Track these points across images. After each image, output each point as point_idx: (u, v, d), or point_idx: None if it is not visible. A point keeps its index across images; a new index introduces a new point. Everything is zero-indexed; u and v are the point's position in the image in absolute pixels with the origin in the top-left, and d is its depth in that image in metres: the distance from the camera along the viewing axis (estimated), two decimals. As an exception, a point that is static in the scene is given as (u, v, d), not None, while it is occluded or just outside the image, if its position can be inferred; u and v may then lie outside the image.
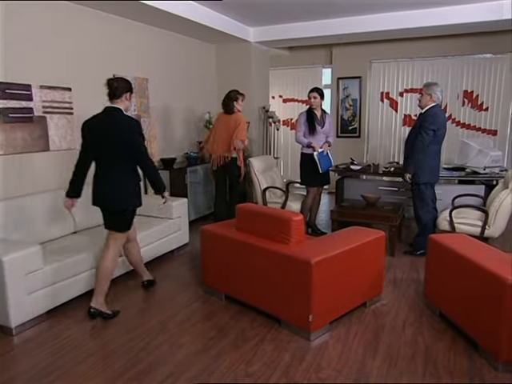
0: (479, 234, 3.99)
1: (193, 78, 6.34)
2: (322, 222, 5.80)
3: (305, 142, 4.80)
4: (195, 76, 6.38)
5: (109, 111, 3.04)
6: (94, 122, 3.06)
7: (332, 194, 6.93)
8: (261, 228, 3.10)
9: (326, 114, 4.99)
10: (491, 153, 4.80)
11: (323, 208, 6.79)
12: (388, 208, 4.57)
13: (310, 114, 4.81)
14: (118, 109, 3.03)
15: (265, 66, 7.14)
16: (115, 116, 3.02)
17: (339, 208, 4.68)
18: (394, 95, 7.25)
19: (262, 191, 5.11)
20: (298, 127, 4.86)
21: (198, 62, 6.43)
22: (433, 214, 4.30)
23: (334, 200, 5.96)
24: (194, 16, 5.19)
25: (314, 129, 4.80)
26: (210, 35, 6.07)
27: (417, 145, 4.07)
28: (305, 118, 4.82)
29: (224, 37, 6.16)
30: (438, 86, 4.18)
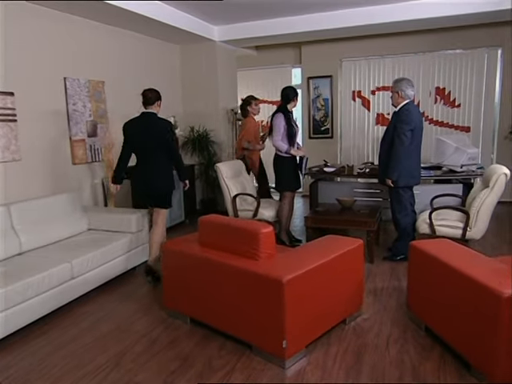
0: (460, 236, 3.78)
1: (156, 81, 5.93)
2: (297, 228, 5.52)
3: (284, 147, 4.47)
4: (158, 78, 5.99)
5: (146, 115, 3.82)
6: (135, 123, 3.84)
7: (306, 197, 6.66)
8: (226, 242, 2.77)
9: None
10: (468, 150, 4.62)
11: (297, 213, 6.52)
12: (364, 212, 4.31)
13: (287, 116, 4.52)
14: (153, 113, 3.83)
15: (232, 66, 6.83)
16: (152, 118, 3.81)
17: (313, 214, 4.40)
18: (366, 94, 7.06)
19: (231, 199, 4.78)
20: (277, 131, 4.46)
21: (161, 63, 6.06)
22: (411, 217, 4.07)
23: (308, 204, 5.70)
24: (155, 14, 4.85)
25: (294, 132, 4.52)
26: (172, 35, 5.73)
27: (398, 150, 3.82)
28: (284, 120, 4.47)
29: (188, 36, 5.83)
30: (407, 81, 3.93)
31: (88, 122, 4.70)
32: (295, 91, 4.55)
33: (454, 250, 2.74)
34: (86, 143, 4.68)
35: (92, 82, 4.74)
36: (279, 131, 4.44)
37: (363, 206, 4.59)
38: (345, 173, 5.03)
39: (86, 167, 4.72)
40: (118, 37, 5.20)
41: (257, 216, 4.71)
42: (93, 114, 4.77)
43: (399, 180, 3.92)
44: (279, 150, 4.50)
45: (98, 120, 4.85)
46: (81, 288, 3.46)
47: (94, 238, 3.94)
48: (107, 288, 3.75)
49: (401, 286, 3.57)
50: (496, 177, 3.58)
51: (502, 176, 3.58)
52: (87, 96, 4.68)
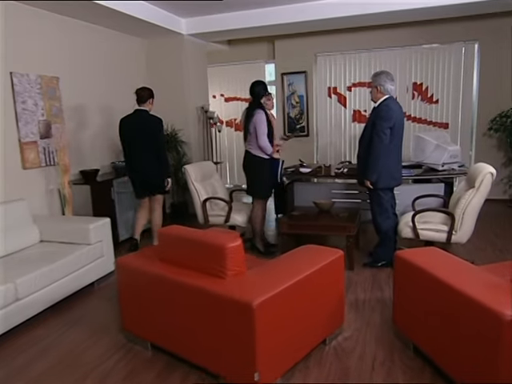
0: (445, 240, 3.55)
1: (120, 77, 5.55)
2: (274, 231, 5.21)
3: (270, 149, 4.15)
4: (122, 74, 5.59)
5: (139, 112, 4.28)
6: (129, 120, 4.29)
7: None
8: (189, 258, 2.42)
9: None
10: (449, 148, 4.41)
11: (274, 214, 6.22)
12: (343, 215, 4.03)
13: (266, 113, 4.19)
14: (145, 110, 4.30)
15: (201, 61, 6.46)
16: (143, 115, 4.27)
17: (288, 219, 4.09)
18: (342, 90, 6.81)
19: (201, 203, 4.43)
20: (263, 130, 4.09)
21: (124, 58, 5.64)
22: (393, 220, 3.81)
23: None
24: (117, 5, 4.44)
25: (273, 131, 4.20)
26: (136, 27, 5.33)
27: (376, 149, 3.55)
28: (265, 118, 4.13)
29: (153, 29, 5.43)
30: (386, 74, 3.66)
31: (41, 121, 4.26)
32: (266, 86, 4.23)
33: (443, 261, 2.48)
34: (39, 145, 4.24)
35: (44, 77, 4.30)
36: (264, 130, 4.11)
37: (342, 209, 4.32)
38: (321, 173, 4.74)
39: (39, 172, 4.28)
40: (76, 29, 4.76)
41: (229, 221, 4.38)
42: (46, 113, 4.32)
43: (379, 181, 3.65)
44: (262, 152, 4.16)
45: (53, 120, 4.40)
46: (28, 310, 3.05)
47: (45, 251, 3.53)
48: (61, 308, 3.35)
49: (384, 296, 3.30)
50: (482, 176, 3.35)
51: (488, 175, 3.35)
52: (39, 93, 4.23)
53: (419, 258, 2.49)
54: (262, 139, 4.06)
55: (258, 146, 4.10)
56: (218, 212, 4.47)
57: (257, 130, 4.07)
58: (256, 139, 4.09)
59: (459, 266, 2.40)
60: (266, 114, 4.12)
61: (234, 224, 4.43)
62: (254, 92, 4.17)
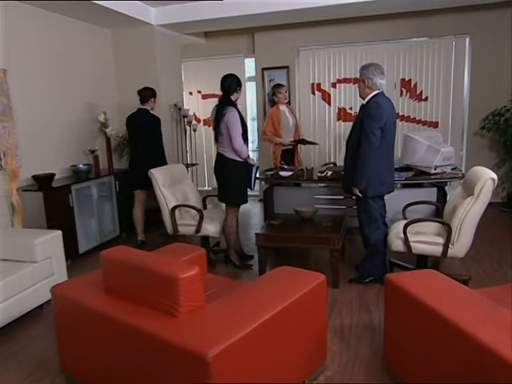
0: (441, 253, 3.15)
1: (83, 71, 5.04)
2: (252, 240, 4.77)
3: (246, 152, 3.73)
4: (85, 68, 5.08)
5: (141, 111, 4.58)
6: (133, 118, 4.60)
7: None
8: (137, 290, 1.97)
9: None
10: (442, 149, 4.02)
11: (254, 220, 5.80)
12: (327, 225, 3.61)
13: (238, 111, 3.75)
14: (145, 109, 4.59)
15: (175, 55, 5.98)
16: (144, 114, 4.57)
17: (266, 229, 3.66)
18: (326, 86, 6.39)
19: (169, 211, 3.97)
20: (237, 131, 3.64)
21: (87, 50, 5.13)
22: (383, 231, 3.41)
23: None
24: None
25: (246, 131, 3.76)
26: (101, 17, 4.85)
27: (365, 152, 3.14)
28: (239, 117, 3.68)
29: (119, 18, 4.95)
30: (375, 67, 3.23)
31: (-16, 120, 3.75)
32: (239, 81, 3.78)
33: (442, 288, 2.07)
34: (-18, 147, 3.73)
35: (-12, 70, 3.78)
36: (239, 131, 3.66)
37: (326, 217, 3.90)
38: (303, 177, 4.31)
39: (-17, 177, 3.76)
40: (29, 17, 4.24)
41: (200, 232, 3.93)
42: (-9, 110, 3.81)
43: (368, 188, 3.24)
44: (237, 155, 3.71)
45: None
46: (-47, 345, 2.56)
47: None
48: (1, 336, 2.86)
49: (372, 321, 2.89)
50: (482, 183, 2.96)
51: (489, 182, 2.96)
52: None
53: (414, 285, 2.08)
54: (237, 141, 3.62)
55: (232, 148, 3.66)
56: (188, 221, 4.01)
57: (230, 131, 3.62)
58: (230, 141, 3.64)
59: (463, 295, 1.99)
60: (238, 112, 3.67)
61: (205, 234, 3.98)
62: (224, 87, 3.73)
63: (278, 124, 4.86)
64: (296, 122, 5.02)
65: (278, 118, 4.88)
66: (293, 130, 4.98)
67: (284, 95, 4.90)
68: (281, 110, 4.91)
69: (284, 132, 4.90)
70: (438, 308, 1.84)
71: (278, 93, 4.88)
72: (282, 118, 4.89)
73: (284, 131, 4.90)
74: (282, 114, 4.90)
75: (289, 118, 4.94)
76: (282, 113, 4.90)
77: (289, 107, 5.06)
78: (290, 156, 4.98)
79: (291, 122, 4.94)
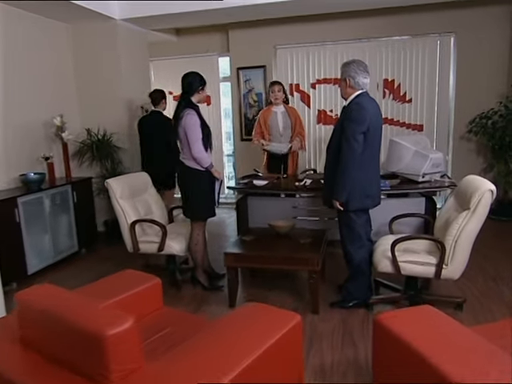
0: (433, 275, 2.78)
1: (37, 70, 4.54)
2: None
3: (207, 160, 3.28)
4: (39, 66, 4.58)
5: (153, 113, 4.68)
6: (145, 120, 4.72)
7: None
8: (57, 346, 1.52)
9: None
10: (431, 155, 3.67)
11: (228, 230, 5.37)
12: (306, 241, 3.21)
13: (199, 112, 3.31)
14: (158, 111, 4.65)
15: (142, 53, 5.51)
16: (156, 116, 4.63)
17: (237, 248, 3.23)
18: (305, 87, 6.02)
19: (128, 226, 3.51)
20: (196, 136, 3.20)
21: (42, 46, 4.63)
22: (367, 249, 3.02)
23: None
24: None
25: (209, 134, 3.32)
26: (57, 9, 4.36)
27: (346, 159, 2.76)
28: (198, 120, 3.23)
29: (77, 12, 4.47)
30: (357, 64, 2.85)
31: None
32: (202, 80, 3.34)
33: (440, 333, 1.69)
34: None
35: None
36: (198, 136, 3.21)
37: (305, 231, 3.50)
38: (280, 186, 3.90)
39: None
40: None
41: (163, 250, 3.48)
42: None
43: (350, 201, 2.86)
44: (198, 162, 3.27)
45: None
46: None
47: None
48: None
49: (358, 356, 2.50)
50: (479, 195, 2.60)
51: (487, 194, 2.60)
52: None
53: (406, 329, 1.69)
54: (196, 148, 3.18)
55: (191, 156, 3.22)
56: (151, 237, 3.56)
57: (188, 136, 3.19)
58: (189, 148, 3.21)
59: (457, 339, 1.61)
60: (199, 115, 3.24)
61: (170, 253, 3.53)
62: (184, 86, 3.30)
63: (264, 126, 4.44)
64: (293, 125, 4.46)
65: (264, 119, 4.45)
66: (285, 134, 4.46)
67: (276, 95, 4.41)
68: (272, 110, 4.46)
69: (273, 136, 4.47)
70: (433, 359, 1.46)
71: (270, 91, 4.46)
72: (271, 119, 4.45)
73: (273, 135, 4.47)
74: (272, 115, 4.45)
75: (279, 120, 4.45)
76: (273, 114, 4.45)
77: (287, 108, 4.52)
78: (279, 164, 4.41)
79: (281, 124, 4.44)
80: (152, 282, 2.31)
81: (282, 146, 4.40)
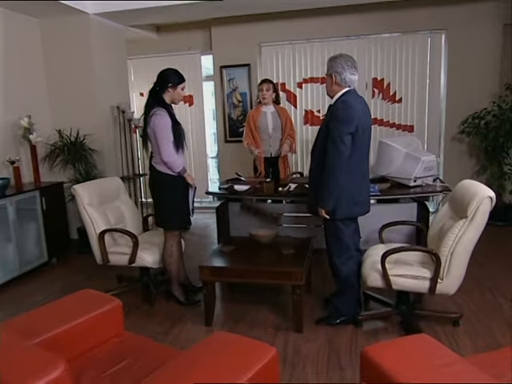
0: (427, 290, 2.54)
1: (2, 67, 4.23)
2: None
3: (178, 165, 2.99)
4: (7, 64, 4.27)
5: None
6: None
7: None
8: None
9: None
10: (423, 157, 3.44)
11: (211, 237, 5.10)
12: (289, 252, 2.95)
13: (170, 111, 3.01)
14: None
15: (119, 50, 5.22)
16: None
17: (214, 260, 2.96)
18: (292, 87, 5.77)
19: (97, 236, 3.22)
20: (165, 138, 2.91)
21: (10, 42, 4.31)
22: (355, 261, 2.77)
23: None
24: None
25: (182, 135, 3.04)
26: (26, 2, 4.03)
27: (333, 163, 2.50)
28: (169, 121, 2.95)
29: (47, 5, 4.18)
30: (345, 59, 2.61)
31: None
32: (177, 77, 3.06)
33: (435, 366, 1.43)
34: None
35: None
36: (168, 138, 2.93)
37: (289, 240, 3.25)
38: (263, 192, 3.64)
39: None
40: None
41: (135, 262, 3.19)
42: None
43: (337, 209, 2.60)
44: (169, 167, 2.99)
45: None
46: None
47: None
48: None
49: (344, 381, 2.24)
50: (476, 203, 2.37)
51: (486, 201, 2.37)
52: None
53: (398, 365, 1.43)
54: (165, 151, 2.91)
55: (161, 160, 2.95)
56: (122, 248, 3.27)
57: (157, 138, 2.91)
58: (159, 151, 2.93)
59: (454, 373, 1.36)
60: (170, 115, 2.96)
61: (142, 265, 3.24)
62: (157, 82, 3.02)
63: (253, 127, 4.18)
64: (283, 127, 4.21)
65: (253, 120, 4.19)
66: (274, 136, 4.22)
67: (263, 94, 4.15)
68: (262, 110, 4.21)
69: (262, 137, 4.22)
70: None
71: (259, 90, 4.21)
72: (260, 120, 4.19)
73: (262, 137, 4.22)
74: (261, 116, 4.19)
75: (269, 120, 4.20)
76: (262, 114, 4.20)
77: (277, 108, 4.27)
78: (268, 167, 4.22)
79: (271, 125, 4.20)
80: (112, 305, 2.03)
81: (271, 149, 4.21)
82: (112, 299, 2.06)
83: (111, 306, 2.03)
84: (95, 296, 2.13)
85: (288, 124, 4.25)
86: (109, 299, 2.07)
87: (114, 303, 2.04)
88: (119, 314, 2.05)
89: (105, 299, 2.08)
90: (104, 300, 2.07)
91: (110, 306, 2.02)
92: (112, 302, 2.05)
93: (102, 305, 2.01)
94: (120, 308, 2.05)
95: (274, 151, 4.28)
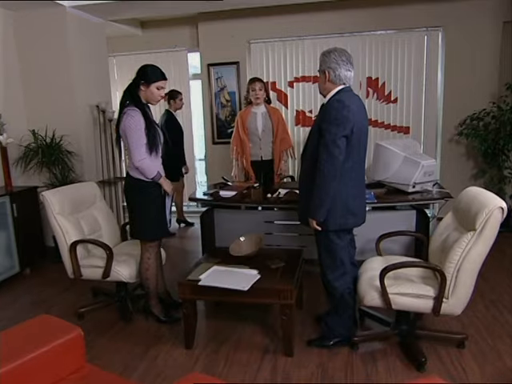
0: (431, 310, 2.29)
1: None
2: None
3: (154, 172, 2.69)
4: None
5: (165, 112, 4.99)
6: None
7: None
8: None
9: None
10: (423, 162, 3.19)
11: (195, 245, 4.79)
12: (278, 265, 2.68)
13: (144, 111, 2.72)
14: (167, 110, 4.98)
15: (99, 46, 4.92)
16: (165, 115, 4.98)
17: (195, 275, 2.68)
18: (282, 86, 5.51)
19: (68, 247, 2.93)
20: (136, 140, 2.61)
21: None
22: (350, 277, 2.51)
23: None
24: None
25: (157, 138, 2.74)
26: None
27: (325, 169, 2.23)
28: (142, 121, 2.64)
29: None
30: (339, 54, 2.33)
31: None
32: (155, 72, 2.75)
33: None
34: None
35: None
36: (139, 141, 2.64)
37: (278, 252, 2.98)
38: (250, 198, 3.37)
39: None
40: None
41: (110, 276, 2.91)
42: None
43: (330, 220, 2.34)
44: (141, 172, 2.71)
45: None
46: None
47: None
48: None
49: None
50: (486, 214, 2.12)
51: (497, 212, 2.13)
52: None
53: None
54: (135, 155, 2.63)
55: (133, 164, 2.67)
56: (95, 261, 2.98)
57: (128, 140, 2.64)
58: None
59: None
60: (145, 114, 2.68)
61: (117, 280, 2.96)
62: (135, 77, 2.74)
63: (242, 129, 3.92)
64: (274, 128, 3.96)
65: (242, 121, 3.93)
66: (264, 139, 3.98)
67: (256, 93, 3.88)
68: (252, 111, 3.96)
69: (252, 140, 3.98)
70: None
71: (250, 90, 3.92)
72: (249, 121, 3.93)
73: (252, 139, 3.98)
74: (251, 117, 3.94)
75: (258, 122, 3.95)
76: (252, 115, 3.95)
77: (268, 108, 4.00)
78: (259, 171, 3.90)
79: (261, 127, 3.95)
80: (71, 335, 1.75)
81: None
82: (72, 328, 1.78)
83: (70, 336, 1.74)
84: (53, 324, 1.84)
85: (280, 126, 3.98)
86: (68, 328, 1.78)
87: (74, 333, 1.76)
88: (80, 344, 1.76)
89: (64, 328, 1.79)
90: (63, 329, 1.78)
91: (70, 336, 1.74)
92: (72, 331, 1.77)
93: (59, 335, 1.73)
94: (81, 338, 1.77)
95: (265, 154, 4.03)
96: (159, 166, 2.77)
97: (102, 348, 2.69)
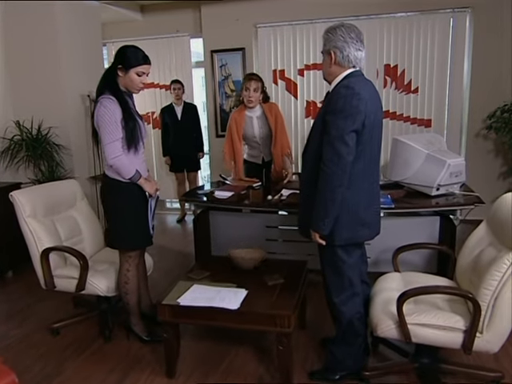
0: (461, 346, 1.86)
1: None
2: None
3: (131, 171, 2.31)
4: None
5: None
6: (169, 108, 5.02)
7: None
8: None
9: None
10: (449, 160, 2.75)
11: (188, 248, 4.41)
12: (277, 281, 2.28)
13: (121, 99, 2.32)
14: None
15: (92, 31, 4.56)
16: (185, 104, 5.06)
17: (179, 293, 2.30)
18: (292, 74, 5.07)
19: (39, 254, 2.58)
20: (109, 133, 2.24)
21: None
22: (361, 299, 2.09)
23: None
24: None
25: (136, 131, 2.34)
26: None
27: (330, 169, 1.81)
28: (118, 111, 2.26)
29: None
30: (347, 30, 1.91)
31: None
32: (136, 58, 2.36)
33: None
34: None
35: None
36: (113, 134, 2.26)
37: (278, 264, 2.57)
38: (249, 199, 2.96)
39: None
40: None
41: (85, 289, 2.55)
42: None
43: (337, 233, 1.92)
44: (116, 172, 2.34)
45: None
46: None
47: None
48: None
49: None
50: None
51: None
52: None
53: None
54: (107, 150, 2.26)
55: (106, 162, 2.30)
56: (70, 271, 2.62)
57: (101, 134, 2.27)
58: None
59: None
60: (123, 104, 2.29)
61: (93, 293, 2.60)
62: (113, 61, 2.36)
63: (236, 135, 3.40)
64: (273, 130, 3.43)
65: (236, 126, 3.40)
66: (263, 143, 3.53)
67: (250, 95, 3.28)
68: (246, 115, 3.40)
69: (251, 144, 3.59)
70: None
71: (244, 89, 3.32)
72: (245, 127, 3.42)
73: (249, 144, 3.59)
74: (246, 122, 3.42)
75: (255, 127, 3.45)
76: (247, 119, 3.42)
77: (265, 109, 3.42)
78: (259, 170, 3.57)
79: (258, 133, 3.46)
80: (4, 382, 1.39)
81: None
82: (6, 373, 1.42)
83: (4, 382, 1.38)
84: None
85: (279, 126, 3.43)
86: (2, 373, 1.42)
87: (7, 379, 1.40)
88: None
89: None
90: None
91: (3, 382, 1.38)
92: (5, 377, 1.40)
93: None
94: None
95: (266, 155, 3.62)
96: (140, 164, 2.39)
97: (72, 373, 2.35)
